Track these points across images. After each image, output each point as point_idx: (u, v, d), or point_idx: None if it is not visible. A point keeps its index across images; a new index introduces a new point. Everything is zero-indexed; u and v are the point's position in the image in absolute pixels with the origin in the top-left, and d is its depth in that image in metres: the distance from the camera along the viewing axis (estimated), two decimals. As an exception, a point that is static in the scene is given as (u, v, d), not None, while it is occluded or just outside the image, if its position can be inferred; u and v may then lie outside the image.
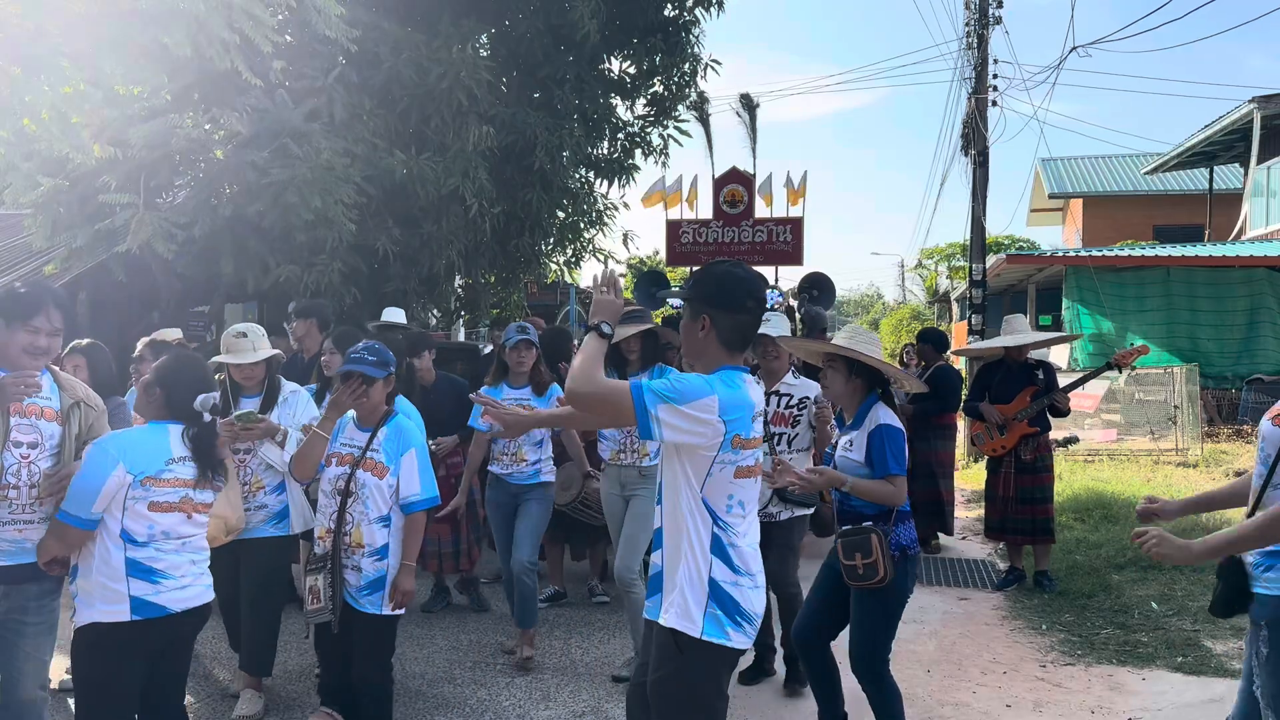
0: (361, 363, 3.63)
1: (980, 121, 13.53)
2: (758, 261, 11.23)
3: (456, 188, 7.60)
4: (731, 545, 2.49)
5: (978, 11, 13.83)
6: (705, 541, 2.47)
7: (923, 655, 5.20)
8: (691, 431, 2.40)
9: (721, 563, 2.47)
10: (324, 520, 3.68)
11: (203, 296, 8.67)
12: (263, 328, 4.49)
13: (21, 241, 10.07)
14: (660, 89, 9.96)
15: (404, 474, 3.65)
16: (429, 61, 7.59)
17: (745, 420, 2.49)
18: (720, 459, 2.45)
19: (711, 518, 2.48)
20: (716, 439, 2.43)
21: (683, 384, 2.43)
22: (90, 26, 4.17)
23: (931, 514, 7.69)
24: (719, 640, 2.46)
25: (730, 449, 2.46)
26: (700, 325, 2.54)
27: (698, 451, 2.45)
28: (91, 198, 6.67)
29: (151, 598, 3.02)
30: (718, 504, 2.48)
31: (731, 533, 2.49)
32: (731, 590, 2.47)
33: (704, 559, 2.47)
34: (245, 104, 6.58)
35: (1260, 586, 2.43)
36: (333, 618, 3.54)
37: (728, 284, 2.55)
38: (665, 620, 2.50)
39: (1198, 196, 22.69)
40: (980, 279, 13.96)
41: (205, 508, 3.21)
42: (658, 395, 2.38)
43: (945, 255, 37.07)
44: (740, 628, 2.49)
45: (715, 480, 2.47)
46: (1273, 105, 16.03)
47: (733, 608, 2.47)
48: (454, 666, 4.90)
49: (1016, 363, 6.55)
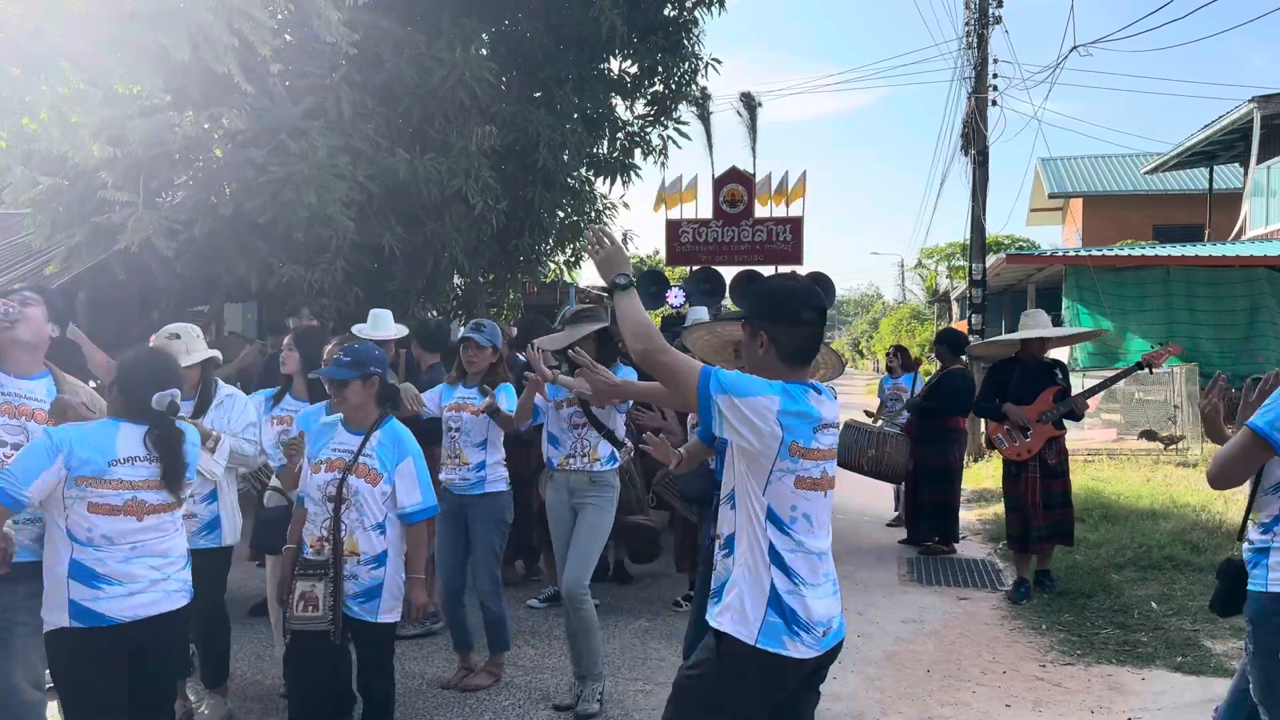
0: (336, 364, 3.52)
1: (980, 121, 13.53)
2: (757, 261, 11.23)
3: (460, 187, 7.61)
4: (791, 553, 2.43)
5: (977, 11, 13.84)
6: (764, 548, 2.42)
7: (923, 655, 5.20)
8: (746, 430, 2.35)
9: (780, 571, 2.42)
10: (315, 528, 3.50)
11: (202, 296, 8.66)
12: (199, 329, 4.32)
13: (21, 241, 10.07)
14: (660, 88, 9.97)
15: (402, 483, 3.51)
16: (430, 61, 7.60)
17: (805, 430, 2.43)
18: (779, 466, 2.40)
19: (775, 526, 2.43)
20: (773, 444, 2.38)
21: (747, 379, 2.40)
22: (90, 27, 4.17)
23: (940, 518, 7.69)
24: (775, 649, 2.40)
25: (789, 457, 2.40)
26: (759, 343, 2.50)
27: (755, 456, 2.40)
28: (91, 196, 6.67)
29: (89, 604, 2.90)
30: (783, 512, 2.43)
31: (793, 541, 2.44)
32: (790, 599, 2.41)
33: (764, 565, 2.42)
34: (244, 102, 6.58)
35: (1250, 584, 2.47)
36: (333, 628, 3.39)
37: (781, 297, 2.53)
38: (719, 623, 2.45)
39: (1198, 196, 22.68)
40: (980, 279, 13.97)
41: (165, 508, 3.06)
42: (721, 383, 2.35)
43: (945, 255, 37.07)
44: (798, 636, 2.42)
45: (775, 489, 2.42)
46: (1272, 105, 16.02)
47: (792, 617, 2.41)
48: (454, 666, 4.89)
49: (1034, 361, 6.28)
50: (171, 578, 3.08)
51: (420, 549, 3.60)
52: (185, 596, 3.15)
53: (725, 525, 2.53)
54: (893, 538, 8.34)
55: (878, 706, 4.50)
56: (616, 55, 9.54)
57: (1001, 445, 6.35)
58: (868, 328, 58.38)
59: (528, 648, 5.30)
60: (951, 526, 7.73)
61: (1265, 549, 2.41)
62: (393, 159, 7.31)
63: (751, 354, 2.53)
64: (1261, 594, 2.42)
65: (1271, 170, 17.23)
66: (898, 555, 7.68)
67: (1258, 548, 2.45)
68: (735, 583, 2.44)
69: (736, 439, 2.38)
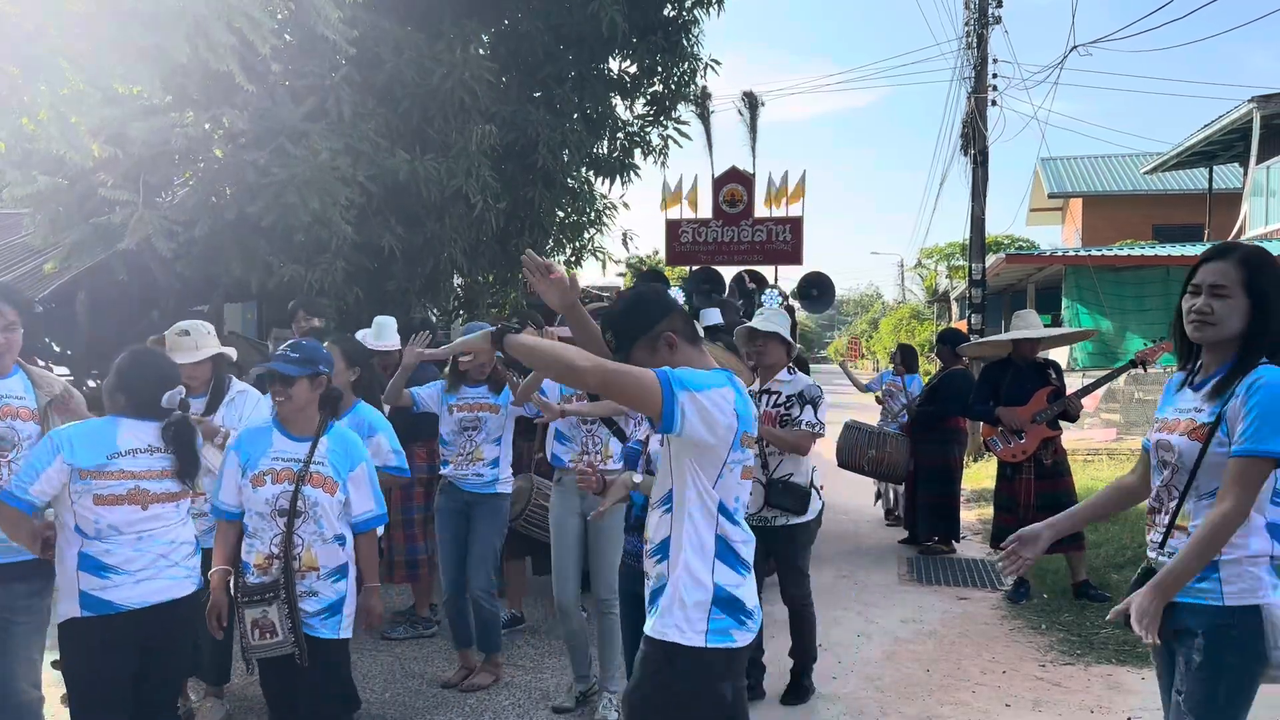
0: (284, 360, 3.28)
1: (980, 121, 13.53)
2: (757, 261, 11.22)
3: (460, 187, 7.62)
4: (743, 543, 2.43)
5: (977, 11, 13.84)
6: (711, 547, 2.38)
7: (923, 655, 5.20)
8: (708, 425, 2.29)
9: (726, 566, 2.40)
10: (262, 545, 3.24)
11: (203, 296, 8.66)
12: (210, 324, 4.34)
13: (21, 240, 10.06)
14: (660, 88, 9.97)
15: (356, 490, 3.32)
16: (430, 62, 7.60)
17: (749, 417, 2.42)
18: (732, 459, 2.37)
19: (727, 519, 2.40)
20: (730, 436, 2.34)
21: (700, 374, 2.33)
22: (90, 27, 4.16)
23: (940, 518, 7.69)
24: (725, 644, 2.39)
25: (740, 447, 2.38)
26: (668, 345, 2.43)
27: (711, 450, 2.34)
28: (90, 196, 6.66)
29: (99, 593, 2.96)
30: (730, 504, 2.41)
31: (742, 531, 2.44)
32: (735, 591, 2.41)
33: (710, 564, 2.38)
34: (245, 103, 6.58)
35: (1193, 596, 2.38)
36: (297, 650, 3.17)
37: (646, 297, 2.53)
38: (658, 633, 2.39)
39: (1197, 196, 22.68)
40: (980, 278, 13.97)
41: (169, 498, 3.09)
42: (682, 381, 2.27)
43: (945, 255, 37.06)
44: (744, 625, 2.43)
45: (726, 481, 2.38)
46: (1272, 105, 16.03)
47: (738, 608, 2.41)
48: (453, 665, 4.89)
49: (1027, 361, 6.27)
50: (179, 564, 3.11)
51: (374, 557, 3.44)
52: (193, 583, 3.16)
53: (658, 530, 2.46)
54: (893, 537, 8.34)
55: (878, 706, 4.50)
56: (616, 55, 9.55)
57: (996, 447, 6.33)
58: (867, 327, 58.42)
59: (528, 647, 5.30)
60: (952, 526, 7.73)
61: (1214, 562, 2.36)
62: (393, 159, 7.31)
63: (668, 363, 2.41)
64: (1218, 608, 2.36)
65: (1271, 170, 17.23)
66: (898, 555, 7.68)
67: None
68: (676, 587, 2.38)
69: (697, 436, 2.30)
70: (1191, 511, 2.43)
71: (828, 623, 5.78)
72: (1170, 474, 2.50)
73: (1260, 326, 2.38)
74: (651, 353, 2.44)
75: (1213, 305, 2.40)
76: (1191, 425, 2.44)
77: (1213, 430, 2.37)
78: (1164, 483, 2.53)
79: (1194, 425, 2.44)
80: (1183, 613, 2.41)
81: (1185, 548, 2.37)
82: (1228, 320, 2.39)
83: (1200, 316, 2.42)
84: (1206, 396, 2.45)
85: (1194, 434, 2.42)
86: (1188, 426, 2.45)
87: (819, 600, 6.29)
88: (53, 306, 10.49)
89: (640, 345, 2.44)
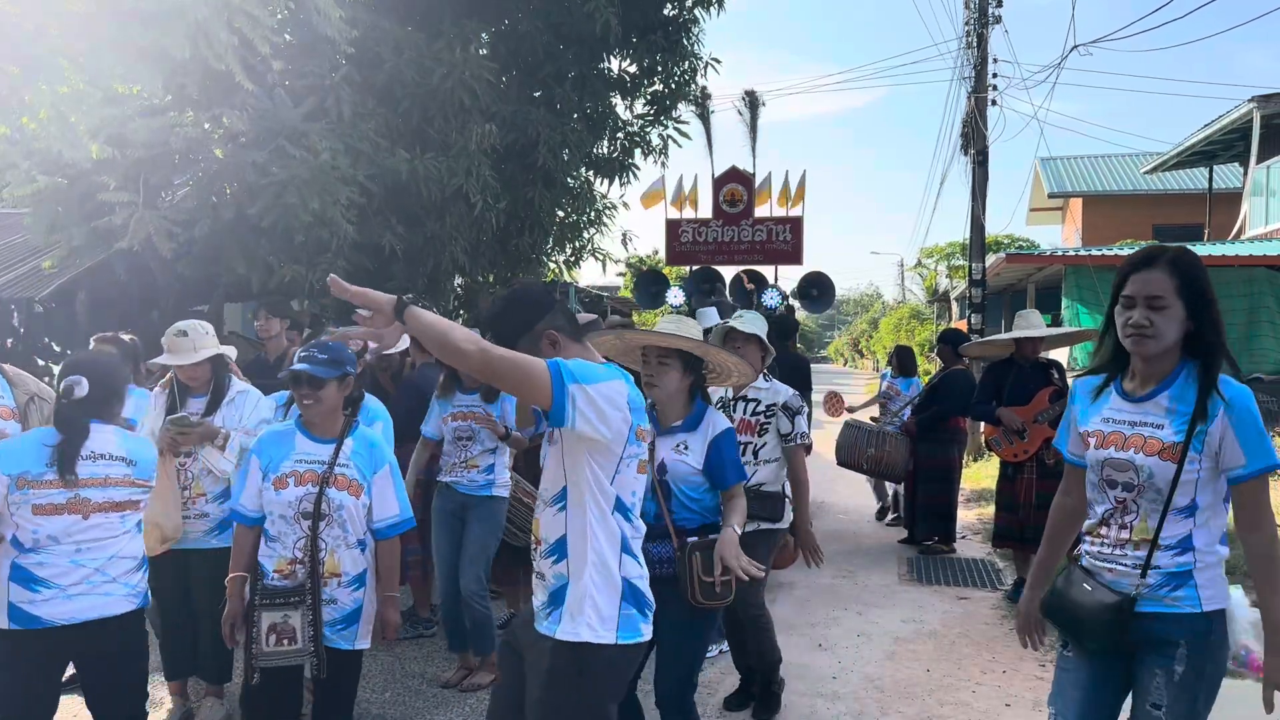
0: (311, 361, 3.17)
1: (980, 121, 13.54)
2: (757, 261, 11.22)
3: (460, 187, 7.62)
4: (635, 539, 2.43)
5: (977, 10, 13.84)
6: (617, 539, 2.37)
7: (923, 655, 5.20)
8: (602, 419, 2.25)
9: (631, 558, 2.40)
10: (285, 550, 3.15)
11: (203, 296, 8.67)
12: (209, 325, 4.27)
13: (21, 241, 10.07)
14: (660, 87, 9.98)
15: (378, 494, 3.23)
16: (431, 61, 7.61)
17: (642, 411, 2.40)
18: (628, 453, 2.35)
19: (622, 514, 2.38)
20: (625, 429, 2.31)
21: (592, 368, 2.29)
22: (90, 27, 4.16)
23: (939, 518, 7.69)
24: (635, 640, 2.39)
25: (635, 441, 2.36)
26: (551, 343, 2.41)
27: (605, 445, 2.30)
28: (90, 196, 6.67)
29: (26, 606, 2.88)
30: (627, 499, 2.40)
31: (634, 526, 2.42)
32: (640, 584, 2.42)
33: (616, 560, 2.37)
34: (245, 103, 6.59)
35: (1170, 606, 2.37)
36: (315, 659, 3.07)
37: (520, 297, 2.49)
38: (573, 634, 2.34)
39: (1197, 196, 22.69)
40: (980, 278, 13.97)
41: (114, 507, 2.98)
42: (574, 373, 2.21)
43: (945, 254, 37.08)
44: (648, 618, 2.45)
45: (623, 476, 2.36)
46: (1272, 104, 16.03)
47: (644, 601, 2.43)
48: (452, 665, 4.89)
49: (1029, 361, 6.25)
50: (117, 580, 3.00)
51: (395, 565, 3.30)
52: (131, 602, 3.04)
53: (551, 529, 2.41)
54: (893, 537, 8.34)
55: (878, 706, 4.50)
56: (616, 54, 9.56)
57: (998, 447, 6.31)
58: (867, 327, 58.41)
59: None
60: (948, 526, 7.72)
61: (1187, 570, 2.36)
62: (393, 159, 7.32)
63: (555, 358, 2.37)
64: (1197, 614, 2.36)
65: (1271, 170, 17.23)
66: (898, 555, 7.68)
67: (1172, 572, 2.37)
68: (582, 587, 2.34)
69: (590, 430, 2.24)
70: (1169, 528, 2.38)
71: (828, 623, 5.78)
72: (1133, 493, 2.42)
73: (1201, 333, 2.34)
74: (534, 353, 2.36)
75: (1151, 318, 2.33)
76: (1160, 445, 2.36)
77: (1185, 450, 2.33)
78: (1118, 501, 2.45)
79: (1163, 445, 2.36)
80: (1161, 624, 2.38)
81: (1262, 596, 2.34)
82: (1167, 332, 2.34)
83: (1139, 330, 2.34)
84: (1167, 412, 2.38)
85: (1165, 454, 2.35)
86: (1156, 447, 2.37)
87: (819, 600, 6.32)
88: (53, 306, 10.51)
89: (521, 346, 2.37)
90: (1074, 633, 2.57)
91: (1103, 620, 2.43)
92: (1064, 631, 2.63)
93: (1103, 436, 2.47)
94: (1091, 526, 2.55)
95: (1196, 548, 2.38)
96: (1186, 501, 2.36)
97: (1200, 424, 2.32)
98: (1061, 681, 2.65)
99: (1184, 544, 2.38)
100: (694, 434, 3.27)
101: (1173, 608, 2.38)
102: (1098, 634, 2.47)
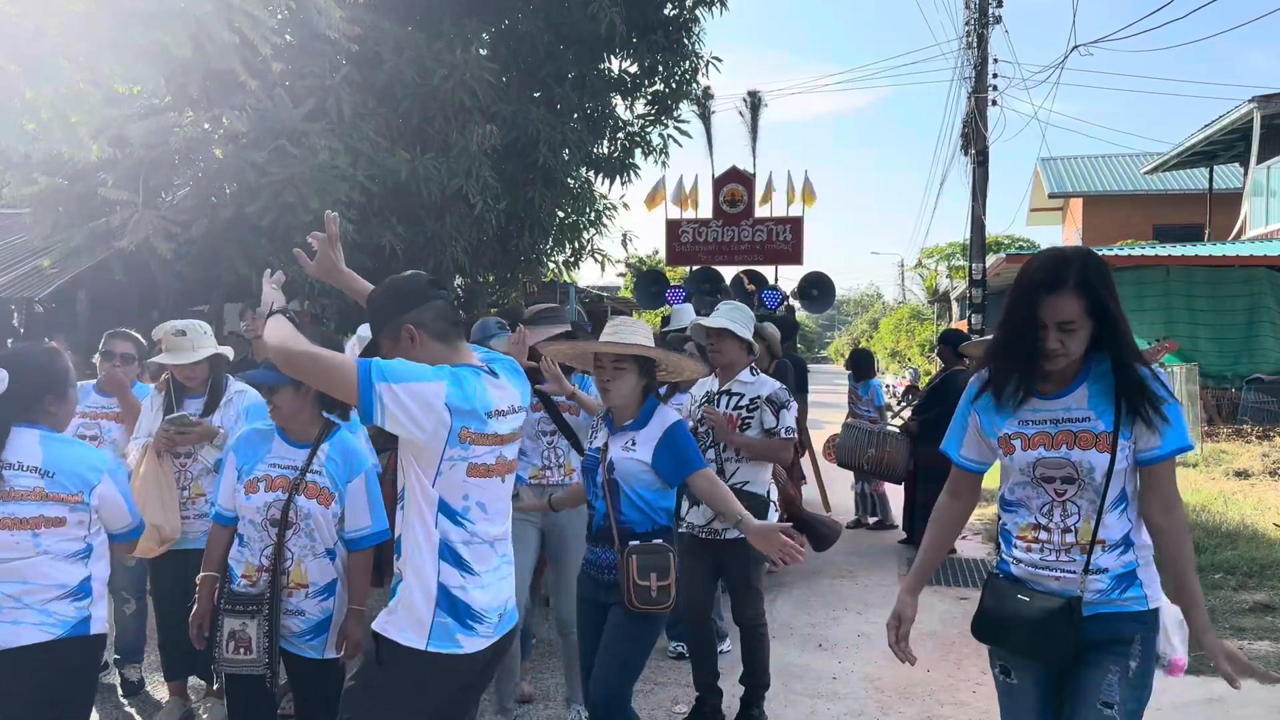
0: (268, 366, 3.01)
1: (980, 121, 13.55)
2: (758, 261, 11.22)
3: (460, 187, 7.62)
4: (465, 544, 2.33)
5: (977, 10, 13.85)
6: (435, 544, 2.30)
7: (922, 655, 5.20)
8: (412, 419, 2.20)
9: (451, 566, 2.31)
10: (253, 556, 3.02)
11: (202, 296, 8.67)
12: (207, 324, 4.24)
13: (21, 241, 10.08)
14: (661, 87, 9.98)
15: (351, 503, 3.05)
16: (431, 61, 7.61)
17: (479, 414, 2.31)
18: (449, 455, 2.28)
19: (448, 518, 2.31)
20: (442, 431, 2.24)
21: (410, 367, 2.24)
22: (90, 27, 4.16)
23: None
24: (449, 650, 2.30)
25: (460, 444, 2.28)
26: (410, 339, 2.35)
27: (422, 446, 2.26)
28: (90, 196, 6.67)
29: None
30: (455, 502, 2.32)
31: (466, 532, 2.34)
32: (460, 594, 2.31)
33: (433, 564, 2.30)
34: (245, 103, 6.59)
35: (1123, 606, 2.36)
36: (269, 671, 2.94)
37: (400, 286, 2.45)
38: (383, 629, 2.31)
39: (1198, 196, 22.71)
40: (980, 278, 13.99)
41: (16, 524, 2.65)
42: (383, 372, 2.18)
43: (945, 255, 37.11)
44: (473, 630, 2.33)
45: (447, 478, 2.30)
46: (1273, 105, 16.04)
47: (465, 611, 2.32)
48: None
49: None
50: (31, 608, 2.66)
51: (365, 578, 3.13)
52: (48, 631, 2.68)
53: (398, 527, 2.41)
54: (892, 538, 8.34)
55: (877, 706, 4.50)
56: (617, 54, 9.56)
57: None
58: (868, 327, 58.44)
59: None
60: None
61: (1132, 570, 2.35)
62: (393, 159, 7.32)
63: (405, 355, 2.32)
64: (1146, 611, 2.37)
65: (1271, 170, 17.23)
66: (898, 555, 7.68)
67: (1120, 573, 2.35)
68: (406, 587, 2.31)
69: (401, 430, 2.21)
70: (1108, 524, 2.36)
71: (828, 623, 5.78)
72: (1073, 486, 2.37)
73: (1105, 331, 2.32)
74: (394, 343, 2.37)
75: (1064, 341, 2.29)
76: (1092, 438, 2.33)
77: (1116, 438, 2.31)
78: (1057, 494, 2.39)
79: (1094, 436, 2.33)
80: (1114, 623, 2.36)
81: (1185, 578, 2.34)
82: (1078, 349, 2.32)
83: (1052, 354, 2.31)
84: (1090, 401, 2.35)
85: (1100, 446, 2.32)
86: (1089, 440, 2.33)
87: (819, 600, 6.32)
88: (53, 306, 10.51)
89: (385, 334, 2.39)
90: (1026, 650, 2.45)
91: (1056, 628, 2.35)
92: (1011, 651, 2.50)
93: (1027, 439, 2.40)
94: (1025, 529, 2.45)
95: (1136, 544, 2.38)
96: (1117, 492, 2.35)
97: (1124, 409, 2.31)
98: (1014, 709, 2.54)
99: (1125, 541, 2.37)
100: (643, 430, 3.21)
101: (1124, 607, 2.37)
102: (1054, 645, 2.37)
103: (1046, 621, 2.36)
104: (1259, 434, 12.48)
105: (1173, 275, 14.59)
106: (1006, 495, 2.50)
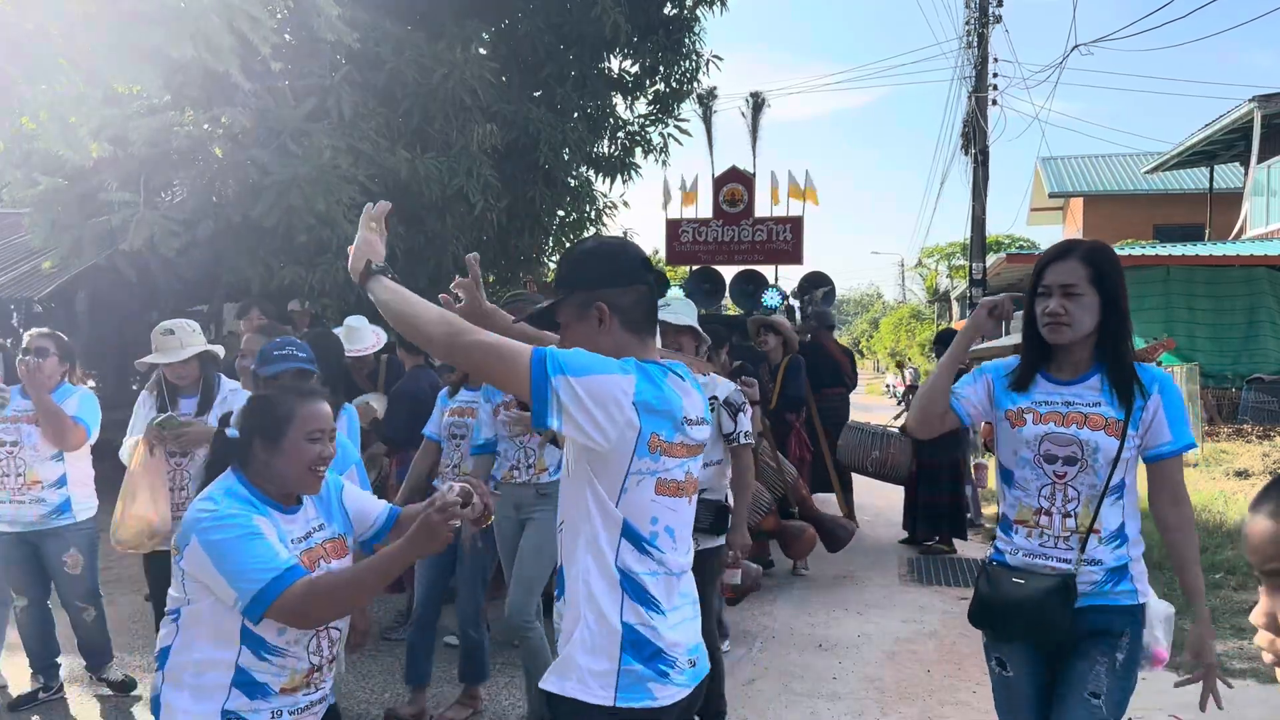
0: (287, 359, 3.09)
1: (980, 121, 13.55)
2: (758, 261, 11.23)
3: (461, 186, 7.63)
4: (651, 576, 1.91)
5: (978, 10, 13.85)
6: (614, 577, 1.88)
7: (923, 655, 5.20)
8: (593, 421, 1.79)
9: (635, 603, 1.89)
10: None
11: (203, 296, 8.68)
12: (195, 323, 4.16)
13: (21, 241, 10.08)
14: (662, 87, 10.00)
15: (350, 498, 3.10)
16: (431, 61, 7.62)
17: (667, 419, 1.90)
18: (636, 467, 1.86)
19: (633, 545, 1.89)
20: (629, 435, 1.83)
21: (593, 357, 1.84)
22: (90, 27, 4.17)
23: (943, 517, 7.70)
24: (642, 704, 1.86)
25: (648, 453, 1.86)
26: (597, 316, 1.93)
27: (605, 455, 1.84)
28: (91, 196, 6.68)
29: None
30: (643, 527, 1.89)
31: (654, 562, 1.91)
32: (650, 634, 1.89)
33: (614, 600, 1.88)
34: (246, 102, 6.59)
35: (1113, 599, 2.40)
36: None
37: (615, 253, 2.00)
38: (556, 688, 1.90)
39: (1198, 196, 22.71)
40: (980, 278, 13.99)
41: None
42: (560, 363, 1.78)
43: (945, 254, 37.11)
44: (666, 677, 1.90)
45: (632, 496, 1.87)
46: (1273, 104, 16.04)
47: (656, 656, 1.89)
48: (453, 665, 4.89)
49: None
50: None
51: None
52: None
53: (560, 557, 2.01)
54: (893, 538, 8.34)
55: (878, 706, 4.50)
56: (617, 54, 9.57)
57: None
58: (868, 327, 58.45)
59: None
60: (959, 526, 7.73)
61: (1124, 565, 2.39)
62: (394, 159, 7.33)
63: (586, 335, 1.94)
64: (1137, 605, 2.42)
65: (1272, 170, 17.23)
66: (898, 556, 7.68)
67: (1113, 566, 2.38)
68: (573, 630, 1.89)
69: (580, 434, 1.80)
70: (1105, 513, 2.39)
71: (828, 623, 5.78)
72: (1074, 468, 2.39)
73: (1107, 326, 2.37)
74: (577, 319, 1.97)
75: (1066, 306, 2.35)
76: (1103, 421, 2.37)
77: (1126, 427, 2.37)
78: (1057, 476, 2.42)
79: (1105, 421, 2.37)
80: (1105, 615, 2.41)
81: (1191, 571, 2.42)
82: (1082, 320, 2.36)
83: (1054, 318, 2.36)
84: (1102, 392, 2.39)
85: (1110, 430, 2.37)
86: (1099, 422, 2.37)
87: (819, 600, 6.32)
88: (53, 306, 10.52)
89: (570, 303, 1.98)
90: (1023, 632, 2.47)
91: (1052, 606, 2.38)
92: (1010, 633, 2.51)
93: (1039, 415, 2.45)
94: (1026, 513, 2.47)
95: (1129, 538, 2.42)
96: (1117, 481, 2.40)
97: (1139, 400, 2.38)
98: (1011, 701, 2.55)
99: (1120, 533, 2.41)
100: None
101: (1115, 600, 2.42)
102: (1051, 624, 2.39)
103: (1043, 601, 2.39)
104: (1259, 434, 12.48)
105: (1173, 275, 14.59)
106: (1004, 463, 2.54)
